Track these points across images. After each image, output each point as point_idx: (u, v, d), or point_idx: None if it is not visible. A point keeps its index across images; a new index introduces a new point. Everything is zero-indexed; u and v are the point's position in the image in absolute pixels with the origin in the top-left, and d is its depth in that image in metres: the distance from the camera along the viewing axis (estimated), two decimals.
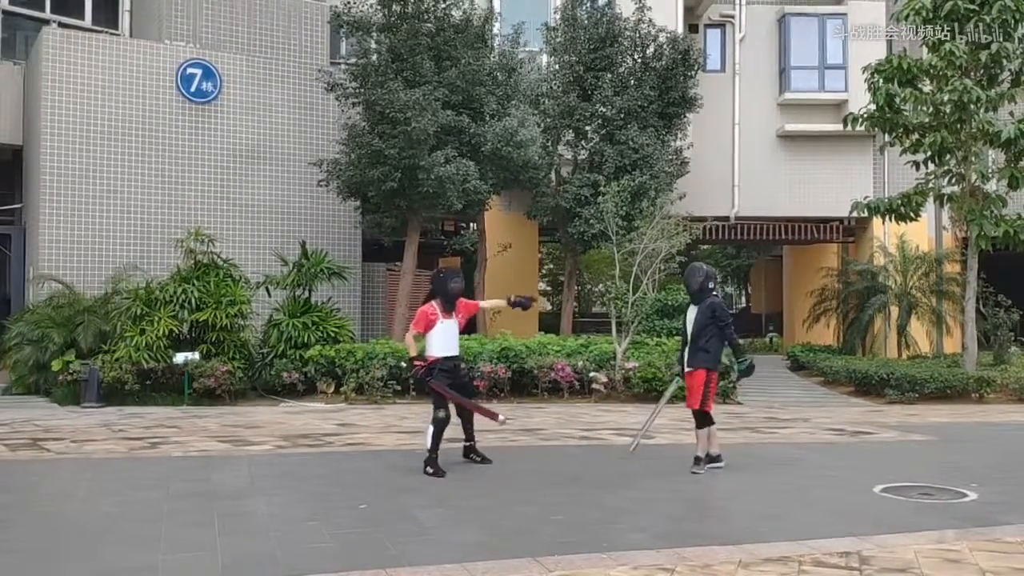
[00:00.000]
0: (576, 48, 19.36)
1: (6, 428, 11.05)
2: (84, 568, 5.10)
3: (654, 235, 16.19)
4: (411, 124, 16.12)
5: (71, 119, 16.99)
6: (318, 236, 18.71)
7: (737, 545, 5.78)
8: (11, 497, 7.12)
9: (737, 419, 13.71)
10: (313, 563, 5.20)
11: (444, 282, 8.44)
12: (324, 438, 10.66)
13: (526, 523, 6.46)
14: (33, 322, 15.13)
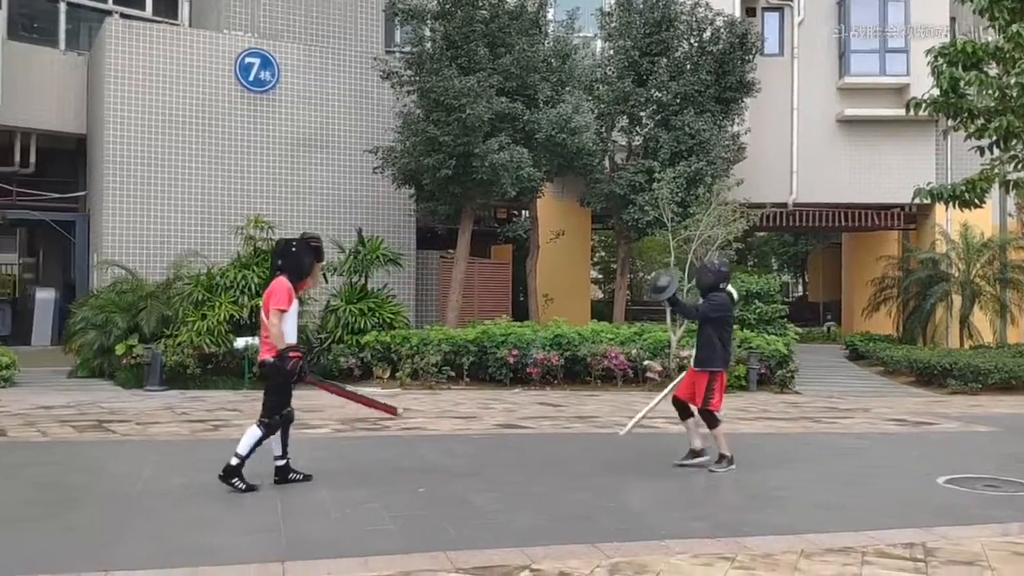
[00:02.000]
0: (631, 33, 19.20)
1: (73, 410, 11.35)
2: (151, 547, 5.22)
3: (710, 222, 16.02)
4: (465, 111, 16.15)
5: (133, 108, 17.33)
6: (373, 223, 18.87)
7: (798, 535, 5.72)
8: (79, 477, 7.32)
9: (795, 408, 13.55)
10: (374, 545, 5.26)
11: (300, 257, 6.93)
12: (381, 422, 10.77)
13: (582, 509, 6.47)
14: (97, 307, 15.50)
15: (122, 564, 4.79)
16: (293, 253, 6.92)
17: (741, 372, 15.56)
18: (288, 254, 6.91)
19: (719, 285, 7.85)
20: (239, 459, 6.58)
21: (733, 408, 13.18)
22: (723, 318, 7.81)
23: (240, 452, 6.59)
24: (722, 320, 7.80)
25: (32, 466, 7.66)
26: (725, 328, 7.82)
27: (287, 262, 6.86)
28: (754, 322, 17.86)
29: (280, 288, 6.71)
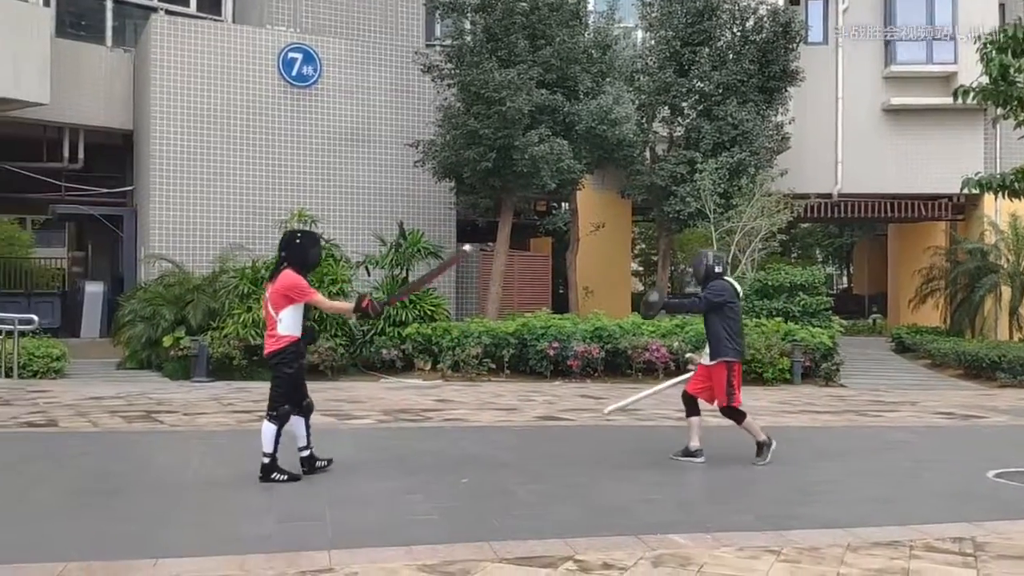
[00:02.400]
0: (672, 23, 19.05)
1: (121, 401, 11.57)
2: (201, 535, 5.31)
3: (754, 213, 15.88)
4: (505, 104, 16.16)
5: (178, 104, 17.59)
6: (414, 216, 18.96)
7: (845, 528, 5.65)
8: (129, 467, 7.46)
9: (841, 401, 13.39)
10: (418, 534, 5.29)
11: (305, 248, 6.90)
12: (423, 413, 10.85)
13: (625, 501, 6.45)
14: (145, 300, 15.78)
15: (170, 551, 4.87)
16: (298, 245, 6.88)
17: (785, 365, 15.41)
18: (293, 246, 6.86)
19: (715, 270, 7.64)
20: (269, 457, 6.64)
21: (777, 401, 13.07)
22: (726, 303, 7.52)
23: (266, 451, 6.64)
24: (725, 306, 7.51)
25: (83, 455, 7.83)
26: (730, 316, 7.51)
27: (291, 254, 6.80)
28: (798, 314, 17.64)
29: (297, 282, 6.66)
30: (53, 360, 14.37)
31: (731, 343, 7.51)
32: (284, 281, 6.67)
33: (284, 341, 6.68)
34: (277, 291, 6.68)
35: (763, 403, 12.74)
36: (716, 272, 7.64)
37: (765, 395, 13.88)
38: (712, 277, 7.67)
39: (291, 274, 6.70)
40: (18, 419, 9.72)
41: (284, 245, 6.88)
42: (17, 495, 6.22)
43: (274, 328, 6.73)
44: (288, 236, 7.04)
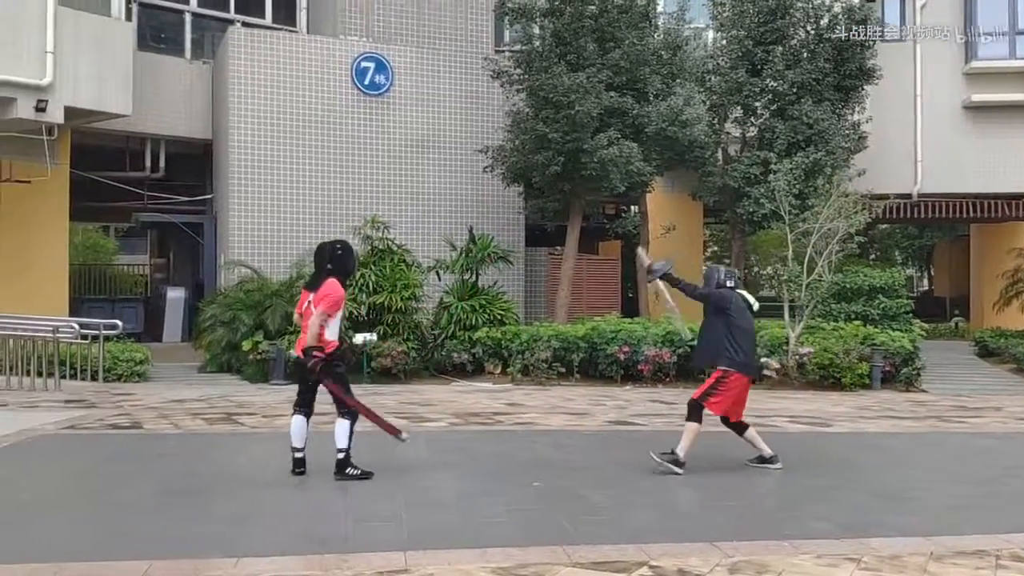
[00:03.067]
0: (744, 22, 18.80)
1: (203, 403, 11.89)
2: (280, 534, 5.43)
3: (830, 214, 15.52)
4: (575, 108, 16.14)
5: (255, 113, 18.01)
6: (484, 222, 19.07)
7: (927, 537, 5.51)
8: (209, 467, 7.66)
9: (922, 407, 13.03)
10: (492, 537, 5.32)
11: (346, 258, 7.19)
12: (494, 416, 10.90)
13: (699, 507, 6.39)
14: (225, 305, 16.18)
15: (250, 551, 4.99)
16: (340, 256, 7.15)
17: (864, 370, 15.04)
18: (336, 257, 7.12)
19: (726, 284, 7.60)
20: (343, 452, 6.90)
21: (856, 406, 12.78)
22: (727, 311, 7.38)
23: (341, 446, 6.90)
24: (727, 313, 7.38)
25: (166, 456, 8.07)
26: (734, 325, 7.35)
27: (336, 264, 7.09)
28: (878, 318, 17.23)
29: (336, 293, 6.90)
30: (137, 364, 14.82)
31: (731, 352, 7.31)
32: (326, 291, 6.92)
33: (329, 347, 6.92)
34: (319, 298, 6.91)
35: (841, 409, 12.48)
36: (727, 286, 7.61)
37: (844, 400, 13.59)
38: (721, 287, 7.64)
39: (334, 284, 6.96)
40: (104, 421, 10.06)
41: (329, 257, 7.13)
42: (104, 495, 6.44)
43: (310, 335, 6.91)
44: (329, 248, 7.24)
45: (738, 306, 7.46)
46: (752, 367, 7.49)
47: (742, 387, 7.43)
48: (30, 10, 14.81)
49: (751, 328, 7.50)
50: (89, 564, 4.71)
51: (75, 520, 5.67)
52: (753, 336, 7.56)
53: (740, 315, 7.42)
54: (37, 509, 5.96)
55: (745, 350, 7.35)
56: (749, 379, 7.48)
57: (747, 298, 7.61)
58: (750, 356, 7.44)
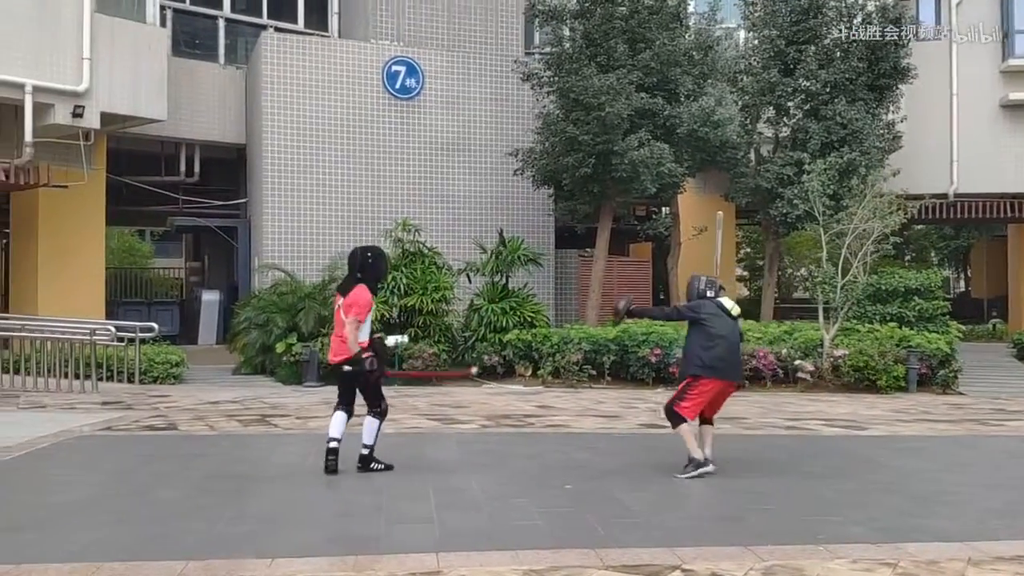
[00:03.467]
0: (777, 21, 18.65)
1: (238, 405, 12.01)
2: (314, 535, 5.45)
3: (865, 215, 15.36)
4: (605, 109, 16.12)
5: (288, 118, 18.18)
6: (514, 224, 19.09)
7: (966, 542, 5.42)
8: (244, 468, 7.72)
9: (959, 410, 12.84)
10: (524, 539, 5.32)
11: (377, 264, 7.46)
12: (525, 419, 10.89)
13: (733, 511, 6.33)
14: (259, 308, 16.34)
15: (284, 552, 5.02)
16: (370, 262, 7.39)
17: (900, 372, 14.86)
18: (366, 263, 7.36)
19: (706, 294, 7.67)
20: (368, 448, 7.26)
21: (891, 409, 12.63)
22: (700, 319, 7.49)
23: (366, 442, 7.25)
24: (700, 322, 7.49)
25: (201, 457, 8.15)
26: (706, 333, 7.43)
27: (366, 271, 7.34)
28: (913, 320, 17.01)
29: (363, 298, 7.14)
30: (172, 366, 15.01)
31: (701, 359, 7.39)
32: (354, 298, 7.17)
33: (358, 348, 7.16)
34: (348, 304, 7.16)
35: (877, 412, 12.33)
36: (708, 296, 7.68)
37: (879, 403, 13.42)
38: (701, 298, 7.71)
39: (364, 291, 7.22)
40: (140, 422, 10.20)
41: (360, 264, 7.38)
42: (140, 495, 6.52)
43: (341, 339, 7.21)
44: (360, 254, 7.47)
45: (713, 313, 7.54)
46: (728, 371, 7.47)
47: (716, 391, 7.48)
48: (67, 17, 15.07)
49: (730, 333, 7.52)
50: (125, 564, 4.76)
51: (111, 520, 5.74)
52: (733, 341, 7.55)
53: (715, 322, 7.47)
54: (74, 509, 6.05)
55: (721, 356, 7.39)
56: (725, 383, 7.50)
57: (724, 304, 7.63)
58: (727, 361, 7.45)
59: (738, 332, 7.69)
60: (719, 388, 7.47)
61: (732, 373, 7.54)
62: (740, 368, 7.84)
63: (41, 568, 4.68)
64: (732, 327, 7.57)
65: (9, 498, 6.33)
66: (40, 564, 4.74)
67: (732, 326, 7.57)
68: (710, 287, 7.74)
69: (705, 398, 7.43)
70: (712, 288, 7.74)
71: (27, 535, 5.34)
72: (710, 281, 7.84)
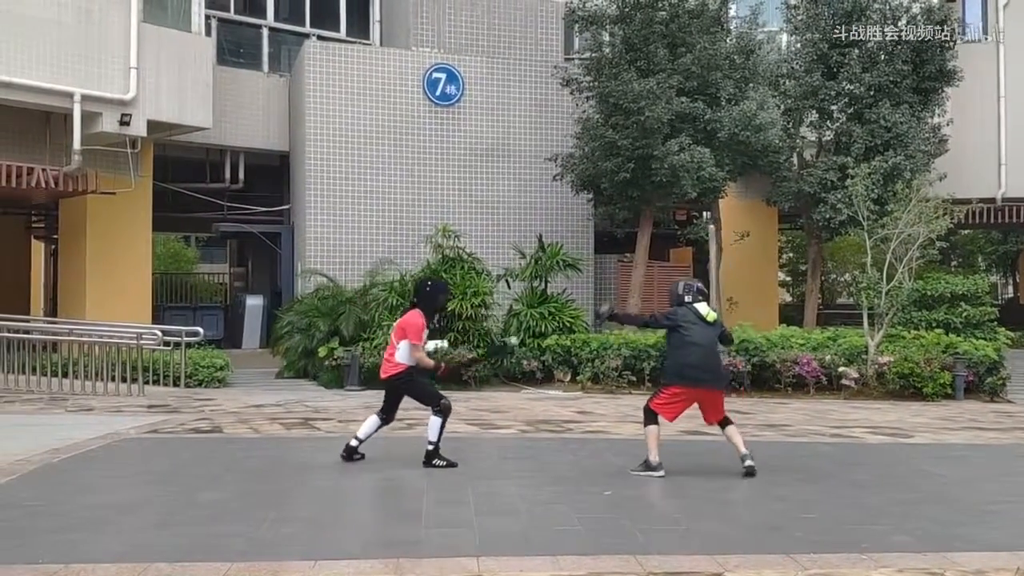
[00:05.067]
0: (819, 25, 18.45)
1: (281, 408, 12.14)
2: (356, 538, 5.51)
3: (910, 219, 15.12)
4: (644, 114, 16.06)
5: (331, 125, 18.38)
6: (553, 229, 19.09)
7: (1014, 552, 5.32)
8: (289, 472, 7.82)
9: (1008, 418, 12.59)
10: (563, 545, 5.32)
11: (434, 295, 8.11)
12: (564, 424, 10.88)
13: (775, 519, 6.28)
14: (302, 312, 16.51)
15: (327, 554, 5.08)
16: (428, 293, 8.06)
17: (946, 380, 14.59)
18: (423, 293, 8.06)
19: (684, 299, 7.73)
20: (433, 445, 7.73)
21: (938, 417, 12.42)
22: (678, 326, 7.58)
23: (431, 439, 7.73)
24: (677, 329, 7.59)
25: (246, 460, 8.26)
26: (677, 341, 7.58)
27: (422, 299, 7.99)
28: (960, 326, 16.70)
29: (415, 323, 7.70)
30: (217, 370, 15.21)
31: (673, 367, 7.63)
32: (407, 319, 7.77)
33: (399, 368, 7.77)
34: (400, 326, 7.78)
35: (923, 419, 12.13)
36: (686, 301, 7.75)
37: (925, 411, 13.21)
38: (680, 304, 7.78)
39: (417, 315, 7.79)
40: (185, 425, 10.36)
41: (417, 291, 8.18)
42: (185, 497, 6.62)
43: (392, 355, 7.79)
44: (420, 283, 8.30)
45: (689, 321, 7.60)
46: (703, 377, 7.50)
47: (693, 397, 7.56)
48: (114, 27, 15.39)
49: (704, 339, 7.56)
50: (171, 565, 4.84)
51: (157, 521, 5.84)
52: (708, 348, 7.60)
53: (691, 329, 7.55)
54: (121, 511, 6.16)
55: (693, 363, 7.45)
56: (701, 391, 7.54)
57: (699, 311, 7.66)
58: (701, 368, 7.48)
59: (716, 338, 7.74)
60: (696, 395, 7.57)
61: (709, 379, 7.58)
62: (719, 373, 7.85)
63: (89, 568, 4.78)
64: (708, 333, 7.63)
65: (57, 499, 6.47)
66: (88, 564, 4.83)
67: (708, 332, 7.63)
68: (688, 292, 7.83)
69: (679, 403, 7.59)
70: (690, 292, 7.82)
71: (75, 535, 5.46)
72: (688, 286, 7.94)
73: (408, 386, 7.88)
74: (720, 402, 7.77)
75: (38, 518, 5.88)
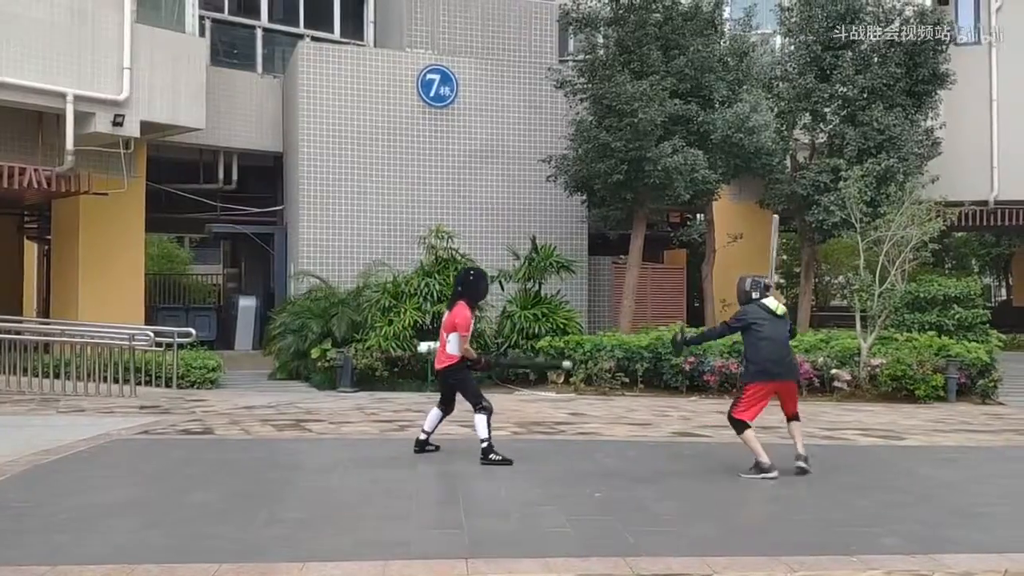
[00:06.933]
0: (813, 27, 18.47)
1: (272, 410, 12.12)
2: (345, 540, 5.50)
3: (903, 222, 15.16)
4: (638, 115, 16.07)
5: (324, 126, 18.36)
6: (546, 231, 19.09)
7: (1003, 554, 5.34)
8: (280, 473, 7.80)
9: (999, 420, 12.62)
10: (553, 546, 5.32)
11: (477, 283, 8.28)
12: (557, 426, 10.88)
13: (766, 521, 6.29)
14: (294, 313, 16.51)
15: (317, 555, 5.07)
16: (471, 281, 8.21)
17: (939, 382, 14.63)
18: (467, 282, 8.21)
19: (751, 296, 7.89)
20: (485, 441, 7.94)
21: (930, 419, 12.45)
22: (750, 326, 7.72)
23: (482, 437, 7.95)
24: (749, 329, 7.73)
25: (237, 462, 8.24)
26: (756, 339, 7.68)
27: (466, 289, 8.17)
28: (953, 328, 16.74)
29: (464, 315, 7.94)
30: (209, 371, 15.19)
31: (752, 365, 7.72)
32: (456, 313, 8.01)
33: (451, 360, 8.03)
34: (450, 319, 8.03)
35: (915, 421, 12.16)
36: (753, 297, 7.91)
37: (917, 413, 13.24)
38: (749, 301, 7.94)
39: (463, 308, 8.01)
40: (177, 426, 10.34)
41: (460, 281, 8.33)
42: (175, 498, 6.61)
43: (444, 349, 8.03)
44: (463, 274, 8.46)
45: (759, 317, 7.75)
46: (779, 370, 7.67)
47: (771, 391, 7.69)
48: (108, 28, 15.36)
49: (777, 335, 7.74)
50: (159, 566, 4.83)
51: (147, 523, 5.83)
52: (781, 342, 7.77)
53: (762, 325, 7.70)
54: (110, 511, 6.15)
55: (768, 357, 7.62)
56: (778, 384, 7.71)
57: (768, 306, 7.82)
58: (775, 361, 7.65)
59: (786, 331, 7.88)
60: (774, 389, 7.71)
61: (784, 372, 7.76)
62: (793, 365, 8.06)
63: (76, 569, 4.77)
64: (778, 327, 7.78)
65: (47, 500, 6.45)
66: (76, 565, 4.82)
67: (778, 326, 7.78)
68: (755, 288, 7.95)
69: (760, 400, 7.67)
70: (757, 289, 7.95)
71: (63, 536, 5.44)
72: (755, 282, 8.03)
73: (456, 379, 8.08)
74: (795, 393, 7.99)
75: (26, 519, 5.86)
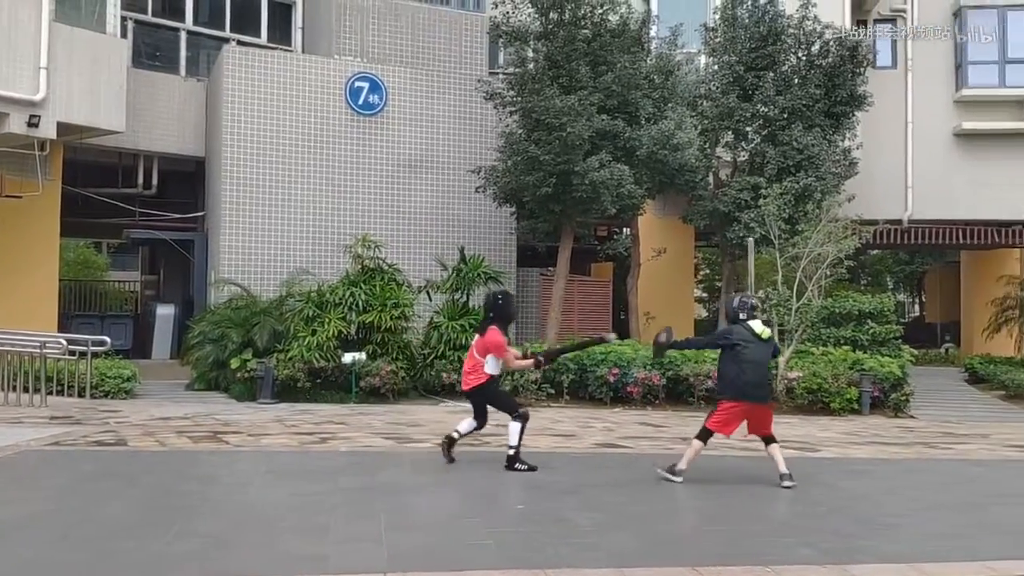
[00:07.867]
0: (736, 48, 18.92)
1: (188, 421, 11.83)
2: (260, 555, 5.38)
3: (820, 239, 15.60)
4: (566, 130, 16.22)
5: (249, 132, 18.05)
6: (475, 242, 19.10)
7: (911, 564, 5.49)
8: (194, 486, 7.61)
9: (910, 433, 13.04)
10: (473, 559, 5.29)
11: (507, 307, 8.48)
12: (483, 438, 10.80)
13: (684, 532, 6.37)
14: (214, 322, 16.14)
15: (233, 570, 4.96)
16: (500, 305, 8.43)
17: (853, 395, 15.07)
18: (497, 306, 8.43)
19: (739, 316, 8.09)
20: (514, 449, 8.19)
21: (843, 432, 12.78)
22: (735, 345, 7.92)
23: (511, 444, 8.20)
24: (734, 348, 7.93)
25: (150, 475, 8.02)
26: (738, 359, 7.89)
27: (497, 312, 8.40)
28: (867, 343, 17.27)
29: (495, 340, 8.17)
30: (124, 381, 14.76)
31: (732, 385, 7.91)
32: (490, 338, 8.21)
33: (482, 379, 8.29)
34: (483, 344, 8.24)
35: (829, 434, 12.48)
36: (740, 318, 8.09)
37: (832, 425, 13.59)
38: (736, 321, 8.14)
39: (496, 333, 8.23)
40: (88, 438, 9.99)
41: (490, 306, 8.53)
42: (85, 512, 6.39)
43: (478, 368, 8.27)
44: (491, 298, 8.66)
45: (745, 339, 7.94)
46: (757, 394, 7.91)
47: (747, 411, 7.91)
48: (25, 26, 14.87)
49: (759, 357, 7.95)
50: None
51: (54, 537, 5.62)
52: (762, 365, 7.99)
53: (748, 348, 7.89)
54: (16, 526, 5.91)
55: (750, 380, 7.83)
56: (753, 405, 7.91)
57: (754, 329, 8.01)
58: (755, 384, 7.87)
59: (769, 355, 8.14)
60: (749, 409, 7.92)
61: (762, 395, 8.03)
62: (768, 388, 8.40)
63: None
64: (762, 351, 8.00)
65: None
66: None
67: (763, 350, 8.00)
68: (742, 308, 8.14)
69: (736, 418, 7.92)
70: (744, 309, 8.13)
71: None
72: (743, 302, 8.24)
73: (487, 395, 8.35)
74: (769, 417, 8.11)
75: None
